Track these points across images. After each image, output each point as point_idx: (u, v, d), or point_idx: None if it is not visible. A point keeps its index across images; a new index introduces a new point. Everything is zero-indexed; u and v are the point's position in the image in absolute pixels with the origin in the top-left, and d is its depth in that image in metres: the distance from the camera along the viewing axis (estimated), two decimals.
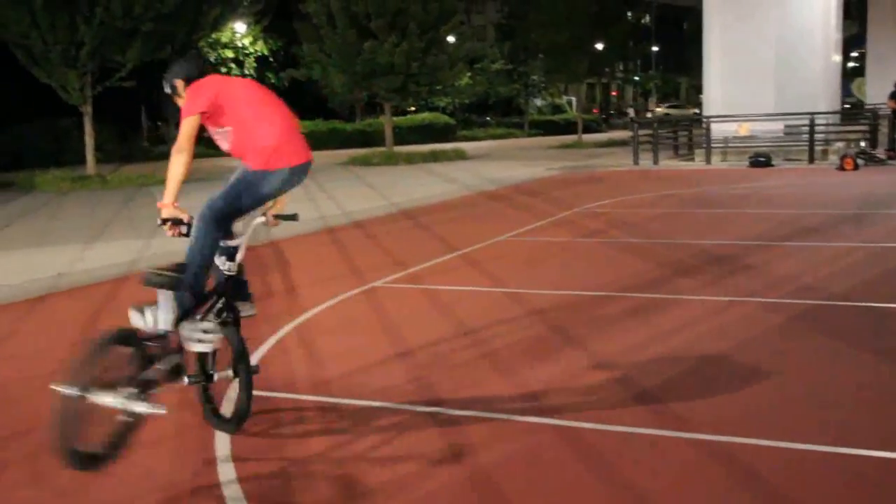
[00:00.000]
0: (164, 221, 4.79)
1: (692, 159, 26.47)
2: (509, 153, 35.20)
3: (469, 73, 44.98)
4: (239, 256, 5.05)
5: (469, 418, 5.18)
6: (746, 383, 5.66)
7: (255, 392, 5.02)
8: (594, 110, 65.99)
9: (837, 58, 26.72)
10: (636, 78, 71.59)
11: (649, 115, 64.54)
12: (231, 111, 4.95)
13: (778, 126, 24.31)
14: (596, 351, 6.45)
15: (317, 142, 40.22)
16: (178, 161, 4.71)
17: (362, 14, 28.99)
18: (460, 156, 31.69)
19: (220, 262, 5.00)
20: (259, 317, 8.06)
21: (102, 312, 8.59)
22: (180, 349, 4.81)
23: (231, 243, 5.03)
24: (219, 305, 5.03)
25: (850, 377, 5.71)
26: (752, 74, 24.70)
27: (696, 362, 6.11)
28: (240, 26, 41.45)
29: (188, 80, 5.06)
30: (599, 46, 40.51)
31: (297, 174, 5.05)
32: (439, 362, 6.35)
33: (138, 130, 45.90)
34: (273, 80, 47.17)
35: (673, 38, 73.47)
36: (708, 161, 24.78)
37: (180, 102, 5.01)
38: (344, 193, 19.32)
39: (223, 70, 43.84)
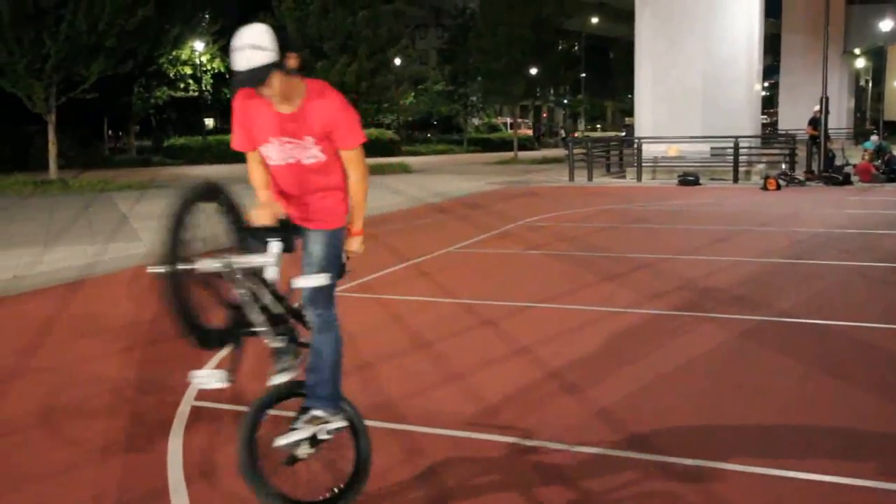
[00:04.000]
0: None
1: (623, 177, 26.21)
2: (450, 168, 34.72)
3: (413, 93, 44.58)
4: None
5: (433, 436, 4.70)
6: (719, 405, 5.23)
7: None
8: (527, 130, 65.97)
9: (759, 86, 26.75)
10: (566, 101, 71.71)
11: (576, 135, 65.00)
12: None
13: (704, 148, 24.19)
14: (555, 367, 5.98)
15: None
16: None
17: (315, 36, 28.49)
18: (405, 169, 31.20)
19: None
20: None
21: (58, 316, 7.96)
22: None
23: None
24: None
25: (819, 399, 5.29)
26: (680, 99, 24.63)
27: (660, 380, 5.67)
28: (199, 44, 40.57)
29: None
30: (534, 71, 40.32)
31: None
32: (398, 376, 5.82)
33: (101, 139, 44.88)
34: (228, 97, 46.44)
35: (600, 66, 73.76)
36: (639, 179, 24.53)
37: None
38: None
39: (181, 86, 42.96)
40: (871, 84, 77.10)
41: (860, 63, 60.71)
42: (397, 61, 32.27)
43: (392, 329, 7.18)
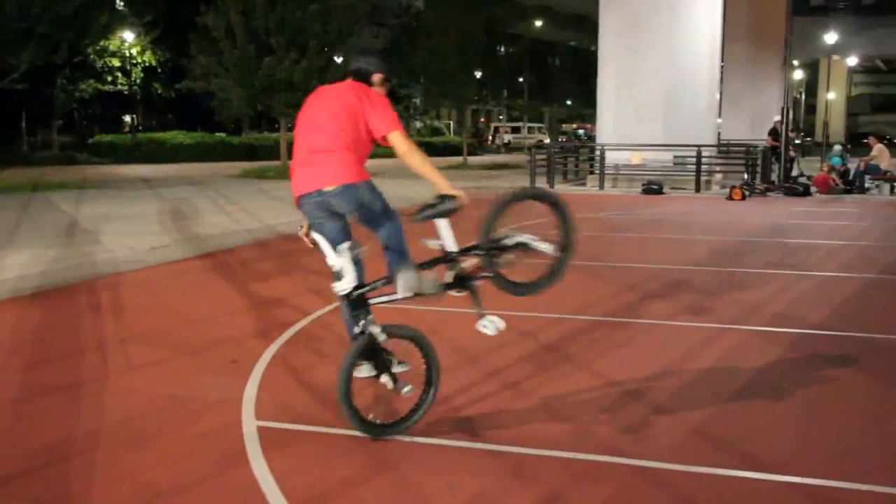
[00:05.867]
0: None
1: (583, 184, 26.26)
2: (400, 172, 34.04)
3: None
4: None
5: (537, 458, 4.51)
6: (803, 420, 5.19)
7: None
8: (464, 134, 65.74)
9: (718, 95, 27.11)
10: (506, 106, 71.84)
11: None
12: None
13: (667, 156, 24.40)
14: (619, 380, 5.87)
15: (205, 154, 38.75)
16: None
17: (262, 29, 27.90)
18: None
19: None
20: (241, 332, 7.22)
21: (52, 327, 7.53)
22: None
23: None
24: None
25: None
26: (643, 107, 24.76)
27: (730, 394, 5.59)
28: (128, 35, 39.59)
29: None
30: (479, 74, 40.23)
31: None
32: (463, 393, 5.59)
33: (17, 135, 43.45)
34: (160, 92, 45.45)
35: (540, 71, 74.10)
36: (601, 187, 24.62)
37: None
38: (256, 206, 18.23)
39: (109, 79, 41.90)
40: (803, 96, 79.47)
41: (797, 75, 62.38)
42: (338, 59, 31.63)
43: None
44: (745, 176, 23.85)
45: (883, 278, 10.11)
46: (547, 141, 54.64)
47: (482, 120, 75.25)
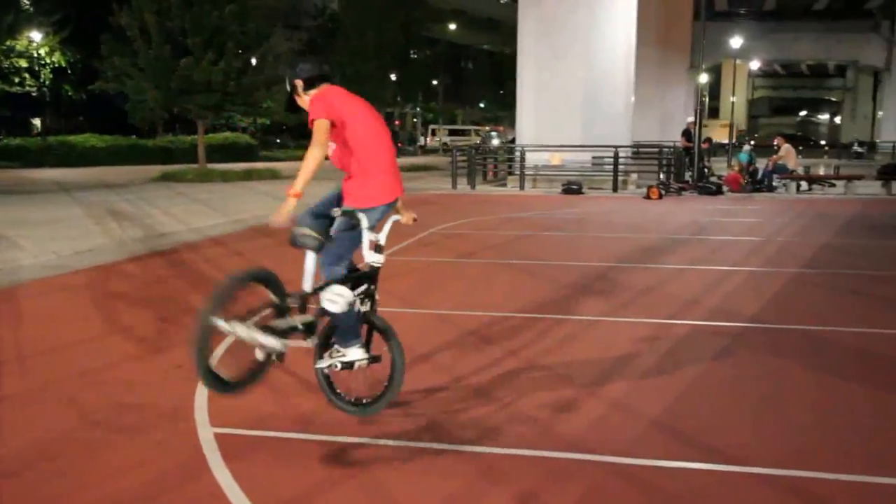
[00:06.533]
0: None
1: (504, 185, 26.38)
2: (322, 174, 33.90)
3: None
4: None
5: (505, 457, 4.46)
6: (756, 411, 5.23)
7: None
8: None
9: (633, 97, 27.47)
10: (418, 109, 71.74)
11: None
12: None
13: (585, 157, 24.65)
14: (573, 377, 5.87)
15: (118, 157, 37.82)
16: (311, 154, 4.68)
17: (178, 30, 27.32)
18: (275, 175, 30.18)
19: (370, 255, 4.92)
20: (182, 337, 6.99)
21: None
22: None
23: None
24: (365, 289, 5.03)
25: (854, 404, 5.34)
26: (562, 108, 24.97)
27: (682, 389, 5.63)
28: (36, 35, 38.39)
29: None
30: (394, 77, 40.12)
31: None
32: (424, 394, 5.49)
33: None
34: (70, 94, 44.24)
35: (454, 74, 74.36)
36: (522, 187, 24.73)
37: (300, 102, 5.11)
38: (179, 210, 17.84)
39: (16, 80, 40.63)
40: (707, 99, 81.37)
41: (702, 78, 63.80)
42: (253, 61, 31.07)
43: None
44: (661, 176, 24.26)
45: (807, 272, 10.29)
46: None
47: (396, 122, 75.16)
